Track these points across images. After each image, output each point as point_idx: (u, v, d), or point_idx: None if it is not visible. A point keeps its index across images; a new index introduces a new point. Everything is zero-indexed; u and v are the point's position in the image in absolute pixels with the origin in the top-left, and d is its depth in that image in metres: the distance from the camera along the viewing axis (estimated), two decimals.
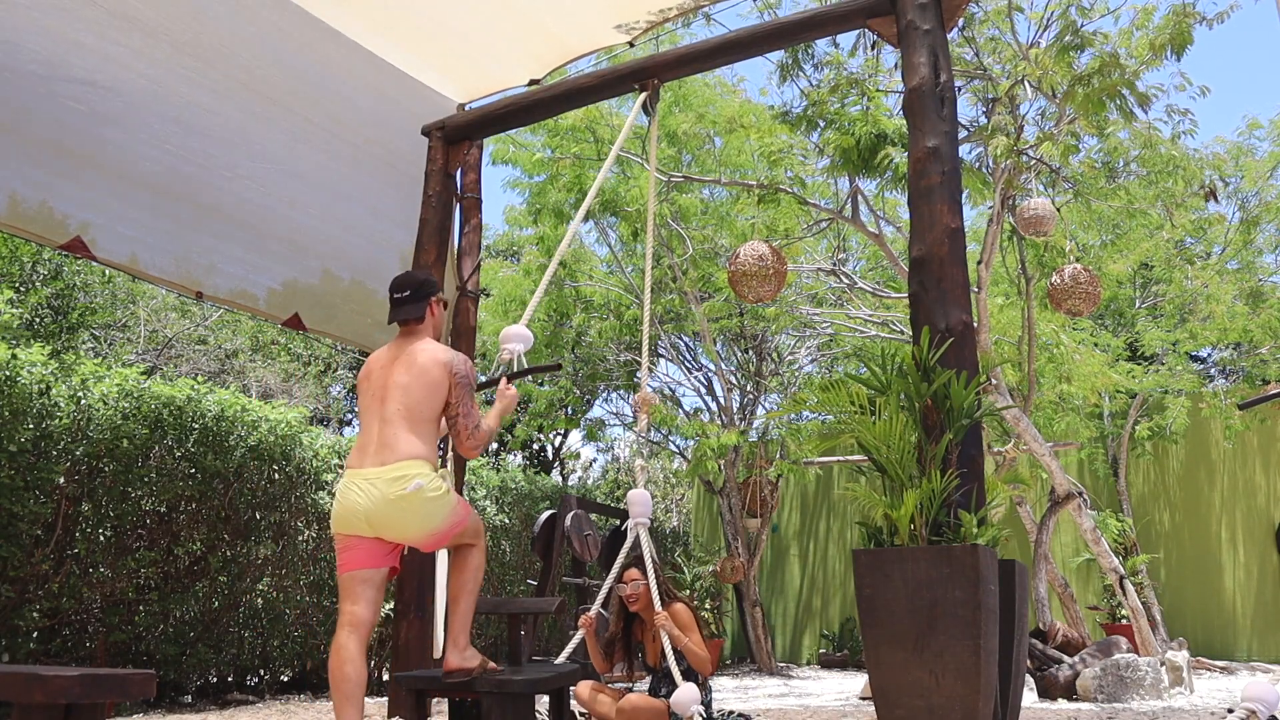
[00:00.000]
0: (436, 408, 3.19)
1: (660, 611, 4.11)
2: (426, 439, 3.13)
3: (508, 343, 3.95)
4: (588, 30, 5.51)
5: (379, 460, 3.04)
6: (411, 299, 3.34)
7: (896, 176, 6.91)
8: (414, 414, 3.12)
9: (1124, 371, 10.49)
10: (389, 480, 2.99)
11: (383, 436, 3.09)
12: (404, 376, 3.16)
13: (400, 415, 3.11)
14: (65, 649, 5.65)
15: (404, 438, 3.07)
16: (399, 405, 3.12)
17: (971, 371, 3.49)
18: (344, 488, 3.09)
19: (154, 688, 2.65)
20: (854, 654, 11.98)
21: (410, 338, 3.31)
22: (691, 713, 3.75)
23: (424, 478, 3.01)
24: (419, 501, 3.00)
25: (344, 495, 3.08)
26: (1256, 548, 11.47)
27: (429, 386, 3.16)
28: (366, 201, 5.95)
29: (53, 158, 4.52)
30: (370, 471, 3.03)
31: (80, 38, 4.59)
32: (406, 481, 2.98)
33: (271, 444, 6.78)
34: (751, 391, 11.74)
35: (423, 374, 3.16)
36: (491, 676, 3.25)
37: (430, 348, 3.25)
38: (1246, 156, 10.66)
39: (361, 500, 3.03)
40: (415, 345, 3.26)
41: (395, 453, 3.04)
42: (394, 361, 3.24)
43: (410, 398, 3.12)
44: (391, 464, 3.02)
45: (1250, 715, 3.43)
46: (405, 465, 3.01)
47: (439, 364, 3.19)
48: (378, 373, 3.25)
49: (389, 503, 2.98)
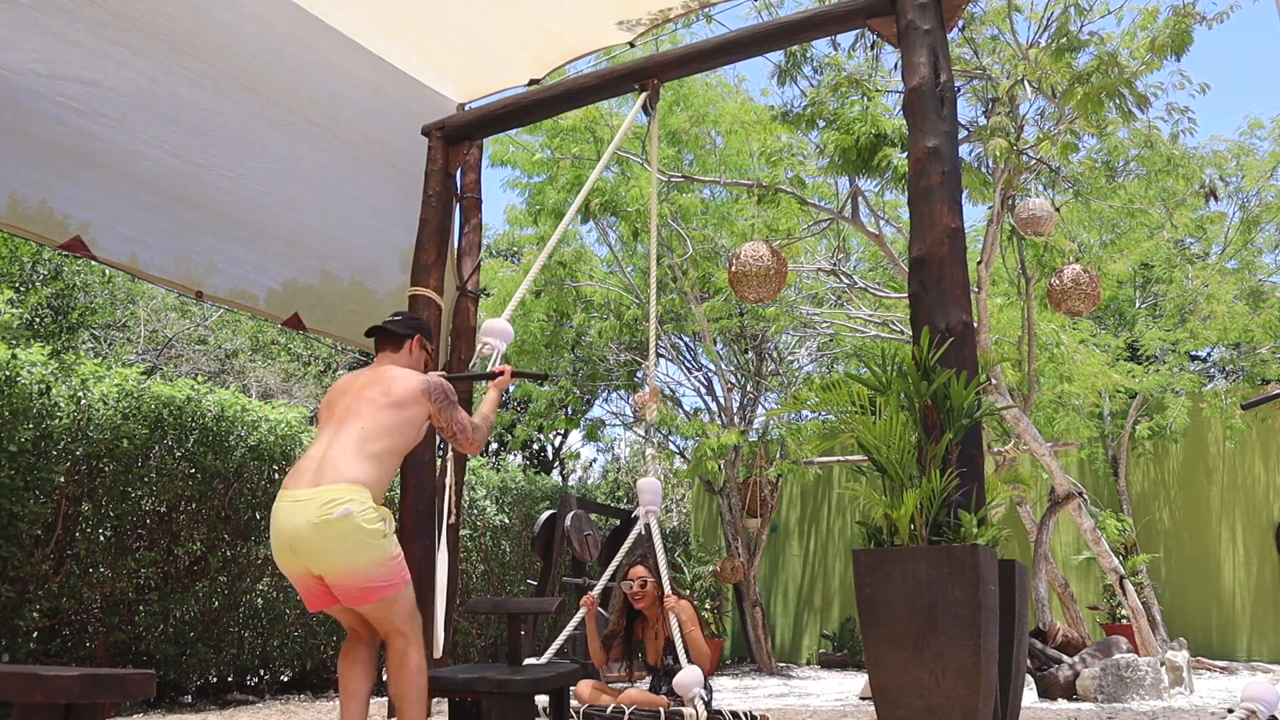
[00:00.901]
0: (408, 439, 2.97)
1: (670, 595, 4.12)
2: (380, 469, 2.85)
3: (489, 336, 3.93)
4: (588, 30, 5.51)
5: (314, 481, 2.75)
6: (399, 324, 3.27)
7: (896, 176, 6.91)
8: (376, 442, 2.87)
9: (1124, 371, 10.50)
10: (319, 504, 2.68)
11: (327, 457, 2.82)
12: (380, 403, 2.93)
13: (357, 438, 2.85)
14: (65, 649, 5.65)
15: (351, 461, 2.79)
16: (361, 430, 2.87)
17: (971, 371, 3.49)
18: (274, 509, 2.81)
19: (154, 688, 2.65)
20: (854, 654, 11.98)
21: (382, 365, 3.17)
22: (694, 694, 3.75)
23: (358, 505, 2.69)
24: (346, 529, 2.66)
25: (273, 517, 2.80)
26: (1256, 547, 11.47)
27: (406, 420, 2.96)
28: (366, 201, 5.94)
29: (52, 158, 4.52)
30: (302, 492, 2.74)
31: (79, 37, 4.59)
32: (336, 506, 2.67)
33: (271, 444, 6.78)
34: (751, 391, 11.74)
35: (400, 405, 2.97)
36: None
37: (404, 375, 3.07)
38: (1247, 156, 10.66)
39: (285, 524, 2.73)
40: (388, 373, 3.08)
41: (335, 474, 2.75)
42: (367, 386, 3.03)
43: (375, 423, 2.89)
44: (327, 485, 2.73)
45: (1250, 715, 3.43)
46: (341, 489, 2.71)
47: (415, 391, 3.01)
48: (347, 395, 3.03)
49: (312, 526, 2.66)
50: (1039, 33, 7.08)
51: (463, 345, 5.71)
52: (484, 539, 8.90)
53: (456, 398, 3.19)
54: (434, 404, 3.06)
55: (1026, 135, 7.22)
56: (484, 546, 8.90)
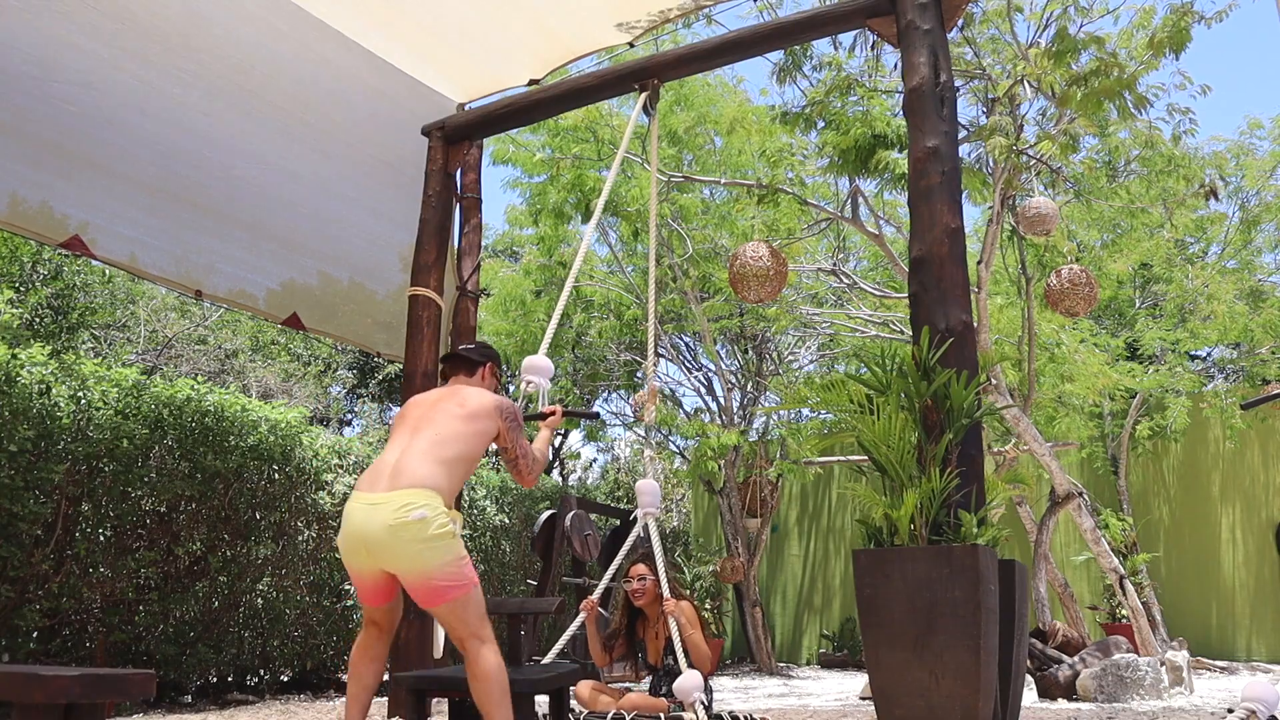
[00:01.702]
0: (476, 450, 3.05)
1: (669, 598, 4.13)
2: (451, 474, 2.95)
3: (531, 374, 3.96)
4: (589, 30, 5.51)
5: (391, 485, 2.87)
6: (474, 352, 3.39)
7: (896, 177, 6.92)
8: (449, 448, 2.98)
9: (1124, 371, 10.50)
10: (395, 507, 2.81)
11: (401, 462, 2.93)
12: (455, 413, 3.05)
13: (432, 444, 2.96)
14: (65, 649, 5.65)
15: (426, 467, 2.91)
16: (436, 435, 2.99)
17: (971, 371, 3.49)
18: (348, 513, 2.93)
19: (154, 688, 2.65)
20: (854, 654, 11.97)
21: (456, 385, 3.28)
22: (694, 699, 3.75)
23: (432, 510, 2.82)
24: (420, 531, 2.79)
25: (347, 518, 2.93)
26: (1256, 547, 11.47)
27: (478, 431, 3.07)
28: (366, 201, 5.94)
29: (52, 158, 4.52)
30: (378, 496, 2.86)
31: (75, 39, 4.59)
32: (410, 510, 2.79)
33: (271, 444, 6.78)
34: (752, 391, 11.74)
35: (473, 417, 3.07)
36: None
37: (478, 391, 3.19)
38: (1247, 156, 10.66)
39: (362, 524, 2.86)
40: (463, 389, 3.21)
41: (410, 478, 2.87)
42: (442, 399, 3.15)
43: (451, 431, 3.00)
44: (403, 489, 2.85)
45: (1250, 715, 3.43)
46: (416, 493, 2.83)
47: (489, 406, 3.12)
48: (420, 407, 3.15)
49: (388, 529, 2.79)
50: (1039, 32, 7.08)
51: (462, 344, 5.71)
52: (484, 539, 8.91)
53: (523, 424, 3.29)
54: (504, 422, 3.15)
55: (1026, 135, 7.22)
56: (484, 546, 8.91)
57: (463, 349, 3.43)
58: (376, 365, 17.02)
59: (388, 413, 18.27)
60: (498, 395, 3.23)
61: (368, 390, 17.67)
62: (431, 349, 5.27)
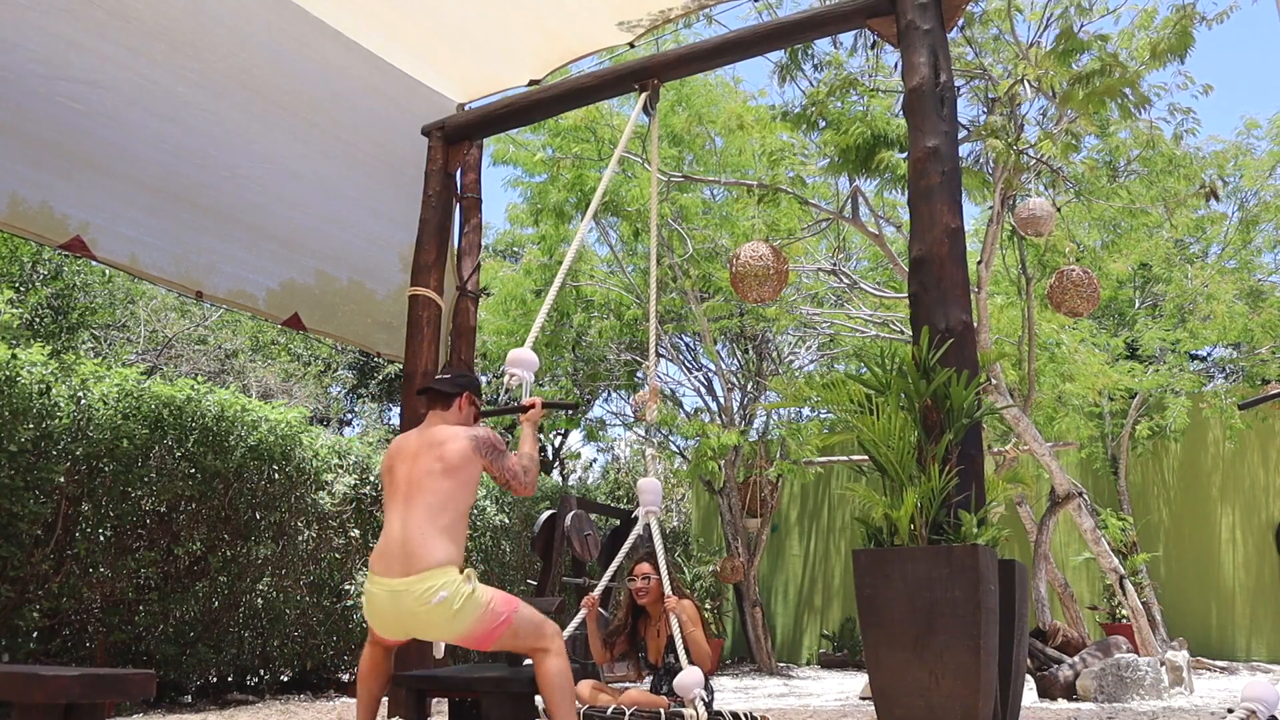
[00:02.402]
0: (468, 499, 3.18)
1: (670, 596, 4.13)
2: (454, 536, 3.09)
3: (514, 367, 3.93)
4: (589, 30, 5.51)
5: (404, 570, 3.00)
6: (448, 383, 3.37)
7: (896, 177, 6.91)
8: (445, 514, 3.09)
9: (1124, 371, 10.50)
10: (416, 595, 2.97)
11: (406, 541, 3.04)
12: (437, 470, 3.12)
13: (426, 513, 3.07)
14: (65, 649, 5.65)
15: (430, 542, 3.03)
16: (426, 503, 3.08)
17: (971, 371, 3.49)
18: (371, 595, 3.08)
19: (154, 688, 2.65)
20: (854, 654, 11.97)
21: (432, 424, 3.29)
22: (694, 695, 3.75)
23: (449, 588, 2.97)
24: (445, 609, 2.97)
25: (372, 603, 3.08)
26: (1256, 547, 11.47)
27: (463, 482, 3.15)
28: (366, 201, 5.94)
29: (53, 158, 4.52)
30: (396, 583, 3.00)
31: (79, 38, 4.59)
32: (431, 594, 2.95)
33: (271, 444, 6.78)
34: (752, 391, 11.74)
35: (456, 470, 3.13)
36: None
37: (455, 437, 3.21)
38: (1245, 156, 10.66)
39: (391, 611, 3.05)
40: (439, 434, 3.22)
41: (421, 560, 3.00)
42: (419, 453, 3.19)
43: (439, 495, 3.09)
44: (415, 574, 2.99)
45: (1250, 715, 3.43)
46: (430, 575, 2.98)
47: (467, 452, 3.16)
48: (402, 466, 3.20)
49: (415, 616, 2.99)
50: (1040, 32, 7.08)
51: (463, 345, 5.71)
52: (484, 539, 8.91)
53: (504, 446, 3.33)
54: (485, 458, 3.22)
55: (1027, 135, 7.22)
56: (484, 546, 8.91)
57: (437, 381, 3.40)
58: (376, 365, 17.02)
59: (388, 413, 18.28)
60: (472, 430, 3.25)
61: (368, 390, 17.68)
62: (431, 349, 5.27)
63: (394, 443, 3.34)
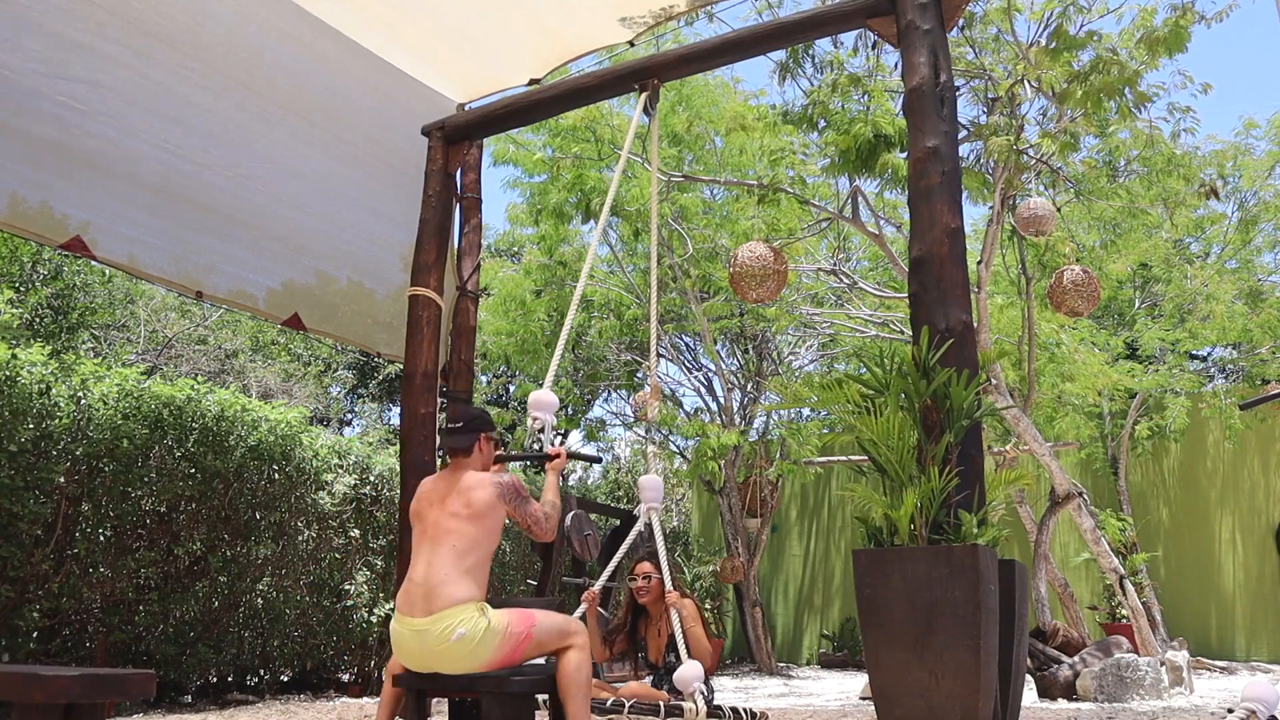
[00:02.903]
0: (491, 544, 3.35)
1: (672, 590, 4.14)
2: (477, 578, 3.27)
3: (537, 410, 4.00)
4: (589, 28, 5.50)
5: (425, 609, 3.19)
6: (463, 430, 3.48)
7: (896, 177, 6.91)
8: (469, 556, 3.27)
9: (1124, 371, 10.49)
10: (436, 634, 3.15)
11: (429, 583, 3.22)
12: (466, 524, 3.28)
13: (452, 555, 3.25)
14: (65, 649, 5.65)
15: (452, 584, 3.21)
16: (452, 545, 3.27)
17: (972, 371, 3.49)
18: (397, 634, 3.26)
19: (154, 688, 2.65)
20: (854, 654, 11.98)
21: (459, 470, 3.43)
22: (694, 688, 3.76)
23: (466, 624, 3.15)
24: (465, 647, 3.15)
25: (399, 642, 3.25)
26: (1256, 547, 11.46)
27: (488, 529, 3.32)
28: (366, 201, 5.94)
29: (53, 158, 4.52)
30: (419, 623, 3.18)
31: (79, 37, 4.59)
32: (450, 632, 3.14)
33: (271, 444, 6.78)
34: (751, 391, 11.74)
35: (481, 517, 3.30)
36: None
37: (481, 484, 3.35)
38: (1244, 155, 10.65)
39: (416, 650, 3.22)
40: (466, 481, 3.36)
41: (441, 600, 3.19)
42: (446, 498, 3.34)
43: (464, 539, 3.27)
44: (437, 613, 3.17)
45: (1250, 715, 3.43)
46: (449, 614, 3.16)
47: (492, 500, 3.32)
48: (430, 511, 3.36)
49: (438, 654, 3.17)
50: (1040, 31, 7.08)
51: (462, 345, 5.71)
52: None
53: (527, 492, 3.48)
54: (508, 505, 3.38)
55: (1027, 135, 7.22)
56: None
57: (451, 436, 3.48)
58: (376, 365, 17.03)
59: (388, 412, 18.28)
60: (497, 477, 3.40)
61: (368, 390, 17.68)
62: (431, 349, 5.27)
63: (422, 485, 3.49)
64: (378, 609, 7.36)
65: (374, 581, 7.46)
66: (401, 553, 4.99)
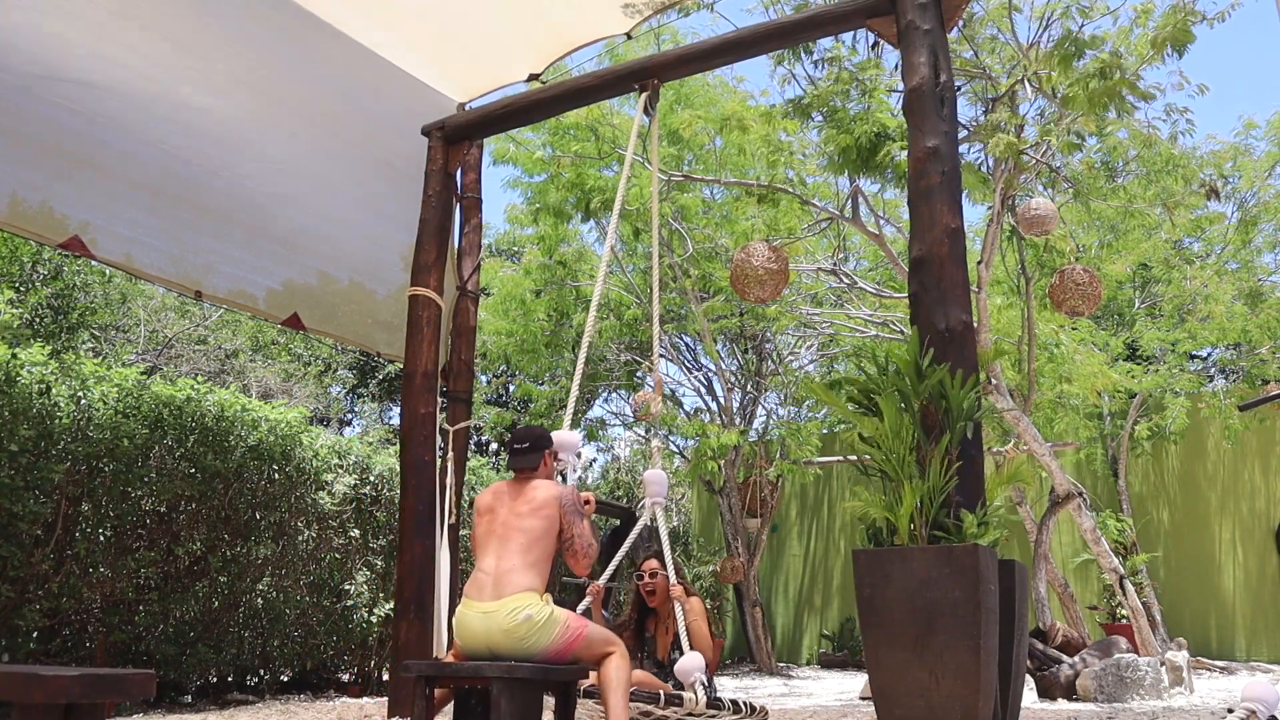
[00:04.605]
0: (552, 541, 3.61)
1: (677, 585, 4.15)
2: (540, 572, 3.53)
3: (564, 451, 4.09)
4: (587, 19, 5.49)
5: (495, 594, 3.46)
6: (530, 450, 3.73)
7: (897, 176, 6.91)
8: (535, 550, 3.53)
9: (1124, 371, 10.49)
10: (504, 614, 3.39)
11: (499, 573, 3.49)
12: (529, 518, 3.57)
13: (520, 552, 3.52)
14: (65, 649, 5.65)
15: (520, 574, 3.47)
16: (519, 541, 3.54)
17: (971, 372, 3.49)
18: (464, 617, 3.48)
19: (154, 688, 2.65)
20: (854, 654, 11.98)
21: (526, 481, 3.70)
22: (694, 679, 3.77)
23: (532, 608, 3.41)
24: (529, 628, 3.39)
25: (464, 624, 3.48)
26: (1256, 548, 11.46)
27: (547, 523, 3.57)
28: (366, 201, 5.94)
29: (52, 158, 4.52)
30: (488, 605, 3.44)
31: (78, 38, 4.59)
32: (518, 614, 3.39)
33: (271, 444, 6.77)
34: (751, 391, 11.74)
35: (541, 509, 3.57)
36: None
37: (544, 484, 3.66)
38: (1244, 156, 10.65)
39: (482, 632, 3.44)
40: (534, 486, 3.64)
41: (509, 587, 3.46)
42: (516, 500, 3.63)
43: (530, 534, 3.55)
44: (506, 598, 3.44)
45: (1250, 715, 3.43)
46: (517, 599, 3.41)
47: (552, 499, 3.60)
48: (502, 510, 3.64)
49: (504, 632, 3.39)
50: (1040, 31, 7.08)
51: (463, 345, 5.71)
52: None
53: (584, 511, 3.71)
54: (561, 509, 3.60)
55: (1027, 135, 7.22)
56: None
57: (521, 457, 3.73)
58: (376, 365, 17.02)
59: (388, 412, 18.27)
60: (561, 487, 3.68)
61: (368, 390, 17.68)
62: (431, 349, 5.27)
63: (493, 486, 3.77)
64: (378, 609, 7.36)
65: (374, 581, 7.46)
66: (403, 552, 5.00)
